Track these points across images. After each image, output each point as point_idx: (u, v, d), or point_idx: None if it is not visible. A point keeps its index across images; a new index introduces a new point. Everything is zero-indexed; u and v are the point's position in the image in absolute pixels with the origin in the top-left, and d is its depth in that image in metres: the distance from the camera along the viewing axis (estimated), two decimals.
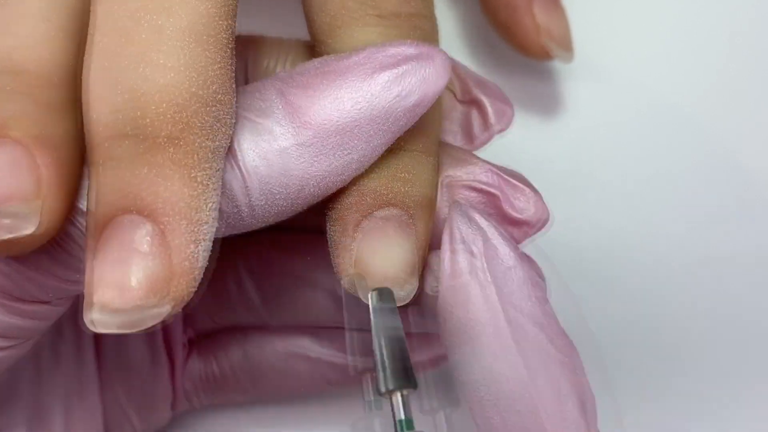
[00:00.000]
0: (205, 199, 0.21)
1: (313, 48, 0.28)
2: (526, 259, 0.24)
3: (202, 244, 0.21)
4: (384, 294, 0.23)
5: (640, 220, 0.39)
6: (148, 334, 0.32)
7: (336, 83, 0.23)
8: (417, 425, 0.22)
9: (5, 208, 0.21)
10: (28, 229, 0.21)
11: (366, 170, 0.24)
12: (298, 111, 0.23)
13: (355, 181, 0.24)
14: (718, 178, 0.40)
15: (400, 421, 0.22)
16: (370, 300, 0.23)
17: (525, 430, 0.23)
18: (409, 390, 0.22)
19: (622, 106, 0.40)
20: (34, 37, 0.23)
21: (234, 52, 0.23)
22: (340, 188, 0.24)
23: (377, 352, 0.23)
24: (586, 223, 0.39)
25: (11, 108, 0.22)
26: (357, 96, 0.23)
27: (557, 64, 0.41)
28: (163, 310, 0.20)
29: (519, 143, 0.40)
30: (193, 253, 0.21)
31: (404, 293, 0.24)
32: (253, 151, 0.23)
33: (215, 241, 0.22)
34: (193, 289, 0.21)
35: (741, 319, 0.38)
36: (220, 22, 0.22)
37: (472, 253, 0.23)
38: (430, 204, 0.25)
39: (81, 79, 0.24)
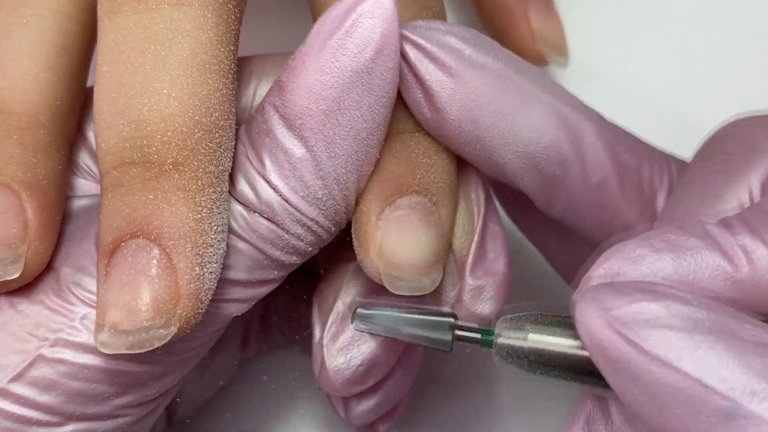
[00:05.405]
0: (210, 223, 0.22)
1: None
2: None
3: (209, 266, 0.22)
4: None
5: None
6: None
7: (302, 73, 0.23)
8: None
9: None
10: (14, 274, 0.23)
11: (386, 155, 0.24)
12: (290, 118, 0.23)
13: (376, 167, 0.24)
14: None
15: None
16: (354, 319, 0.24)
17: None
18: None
19: (617, 110, 0.40)
20: (24, 78, 0.24)
21: (235, 77, 0.24)
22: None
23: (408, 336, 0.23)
24: None
25: None
26: (322, 77, 0.23)
27: (553, 69, 0.41)
28: (170, 331, 0.21)
29: None
30: (199, 276, 0.22)
31: (429, 281, 0.24)
32: (282, 178, 0.23)
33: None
34: (201, 311, 0.22)
35: None
36: (222, 49, 0.23)
37: None
38: (453, 188, 0.25)
39: (68, 116, 0.25)
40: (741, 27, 0.41)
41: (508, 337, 0.21)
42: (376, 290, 0.28)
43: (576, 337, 0.21)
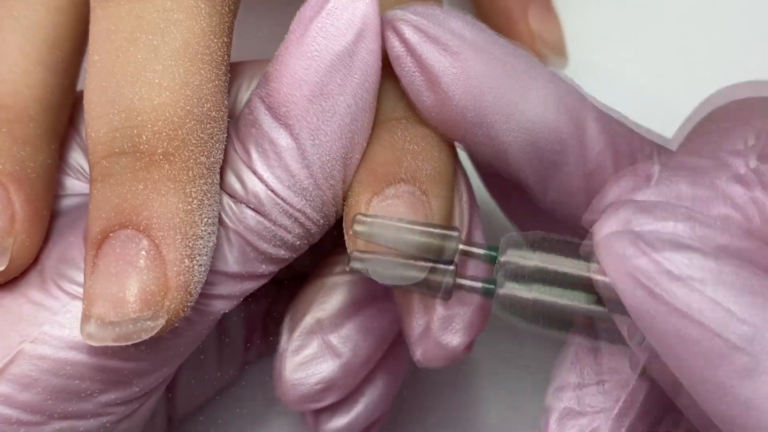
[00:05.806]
0: (200, 214, 0.22)
1: None
2: None
3: (198, 258, 0.22)
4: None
5: None
6: None
7: (285, 60, 0.23)
8: None
9: None
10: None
11: (373, 143, 0.24)
12: (274, 106, 0.23)
13: (363, 156, 0.24)
14: None
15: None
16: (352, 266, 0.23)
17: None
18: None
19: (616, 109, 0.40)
20: (14, 71, 0.24)
21: (228, 69, 0.23)
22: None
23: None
24: None
25: None
26: (304, 62, 0.23)
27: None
28: (157, 324, 0.21)
29: None
30: (188, 268, 0.21)
31: (416, 271, 0.23)
32: (268, 168, 0.23)
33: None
34: (190, 303, 0.21)
35: None
36: (215, 40, 0.23)
37: None
38: (446, 178, 0.24)
39: (59, 110, 0.25)
40: (740, 26, 0.40)
41: (510, 288, 0.21)
42: (350, 308, 0.28)
43: (578, 288, 0.20)
